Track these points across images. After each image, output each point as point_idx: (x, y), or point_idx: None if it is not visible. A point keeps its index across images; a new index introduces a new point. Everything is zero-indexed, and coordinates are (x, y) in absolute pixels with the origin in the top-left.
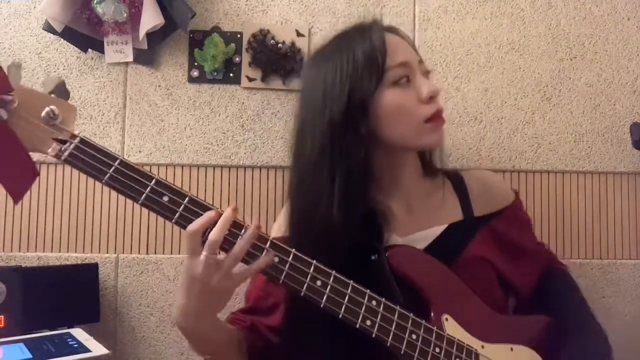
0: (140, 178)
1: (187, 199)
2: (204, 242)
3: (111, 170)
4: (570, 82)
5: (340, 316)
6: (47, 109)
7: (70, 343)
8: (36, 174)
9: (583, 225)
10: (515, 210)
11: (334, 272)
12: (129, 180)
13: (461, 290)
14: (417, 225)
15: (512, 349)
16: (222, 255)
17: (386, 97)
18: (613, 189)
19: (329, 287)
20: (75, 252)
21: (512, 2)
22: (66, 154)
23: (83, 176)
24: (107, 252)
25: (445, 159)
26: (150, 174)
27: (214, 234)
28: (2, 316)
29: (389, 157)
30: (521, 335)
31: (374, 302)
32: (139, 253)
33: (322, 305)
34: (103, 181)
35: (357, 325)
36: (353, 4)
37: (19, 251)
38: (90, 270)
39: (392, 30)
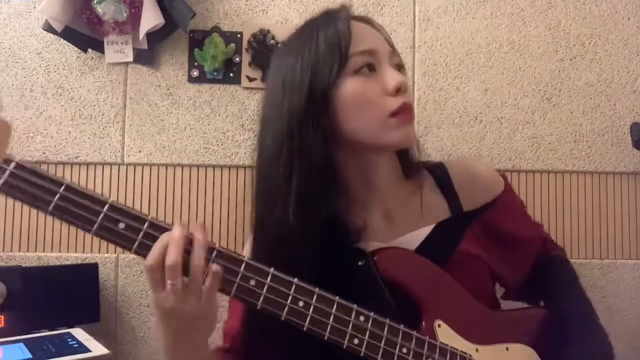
0: (91, 204)
1: (146, 223)
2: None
3: (56, 198)
4: (570, 82)
5: (325, 338)
6: None
7: (70, 343)
8: None
9: (583, 225)
10: (507, 197)
11: (317, 289)
12: (78, 208)
13: (454, 291)
14: (400, 228)
15: (507, 349)
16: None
17: (346, 87)
18: (613, 189)
19: (312, 307)
20: (75, 252)
21: (512, 2)
22: (0, 182)
23: (82, 175)
24: (107, 252)
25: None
26: (102, 198)
27: (170, 258)
28: (2, 316)
29: (357, 158)
30: (516, 332)
31: (361, 318)
32: None
33: (305, 329)
34: (48, 212)
35: (345, 346)
36: (353, 4)
37: (19, 251)
38: (90, 270)
39: (364, 19)
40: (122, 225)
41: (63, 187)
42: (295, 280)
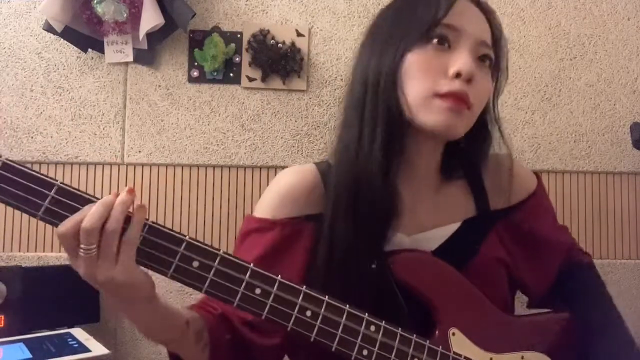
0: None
1: (146, 227)
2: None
3: (46, 201)
4: (570, 82)
5: (333, 349)
6: None
7: (70, 343)
8: None
9: (583, 225)
10: (538, 198)
11: (326, 297)
12: (70, 212)
13: (472, 298)
14: (426, 222)
15: (522, 357)
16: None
17: (415, 53)
18: (613, 189)
19: (320, 317)
20: None
21: (512, 2)
22: None
23: (82, 176)
24: None
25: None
26: (94, 198)
27: (86, 222)
28: (2, 316)
29: (405, 133)
30: (532, 340)
31: (372, 328)
32: None
33: (312, 340)
34: (38, 217)
35: (353, 358)
36: (353, 4)
37: (19, 251)
38: None
39: (479, 3)
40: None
41: (55, 188)
42: (304, 288)
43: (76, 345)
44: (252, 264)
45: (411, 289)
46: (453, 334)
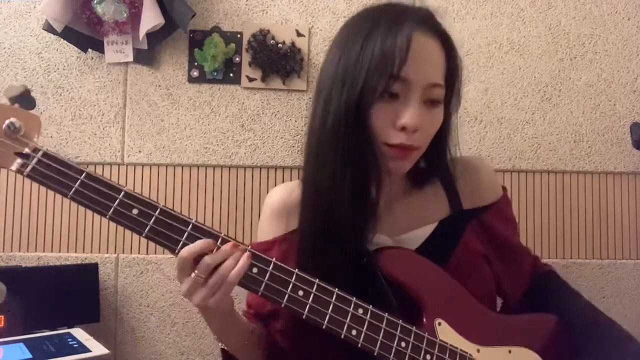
0: (108, 191)
1: (158, 210)
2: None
3: (76, 184)
4: (570, 82)
5: (323, 327)
6: (7, 121)
7: (70, 343)
8: None
9: (583, 225)
10: (504, 205)
11: (317, 280)
12: (95, 194)
13: (456, 292)
14: (404, 224)
15: (510, 352)
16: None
17: (372, 105)
18: (613, 189)
19: (311, 296)
20: (75, 252)
21: (512, 2)
22: (28, 169)
23: None
24: (107, 252)
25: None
26: (119, 186)
27: (209, 259)
28: (2, 316)
29: (373, 167)
30: (520, 336)
31: (360, 310)
32: (139, 253)
33: (304, 317)
34: (69, 196)
35: (342, 336)
36: (353, 4)
37: (19, 251)
38: (90, 270)
39: (433, 30)
40: (135, 211)
41: (84, 174)
42: (296, 270)
43: (76, 345)
44: (249, 247)
45: (398, 283)
46: (439, 323)
